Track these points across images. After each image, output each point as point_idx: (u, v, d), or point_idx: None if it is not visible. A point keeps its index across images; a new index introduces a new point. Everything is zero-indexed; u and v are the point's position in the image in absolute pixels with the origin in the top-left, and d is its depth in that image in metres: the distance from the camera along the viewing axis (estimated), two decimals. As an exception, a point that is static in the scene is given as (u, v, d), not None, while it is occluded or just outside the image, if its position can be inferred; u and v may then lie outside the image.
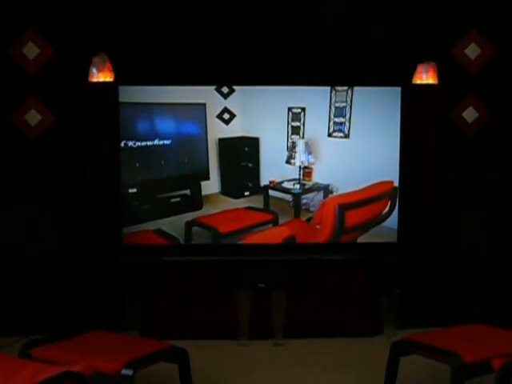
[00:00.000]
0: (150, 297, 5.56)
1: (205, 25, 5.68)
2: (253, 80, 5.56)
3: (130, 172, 5.59)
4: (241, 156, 5.73)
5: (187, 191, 5.72)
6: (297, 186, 5.77)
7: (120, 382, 3.81)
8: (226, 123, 5.64)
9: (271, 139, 5.69)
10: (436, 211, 5.77)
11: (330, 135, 5.73)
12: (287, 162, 5.73)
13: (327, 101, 5.66)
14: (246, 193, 5.75)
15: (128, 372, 3.79)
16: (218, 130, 5.63)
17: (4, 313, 5.51)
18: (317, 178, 5.76)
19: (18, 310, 5.54)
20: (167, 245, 5.66)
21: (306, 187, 5.77)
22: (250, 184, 5.75)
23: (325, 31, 5.75)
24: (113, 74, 5.43)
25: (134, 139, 5.56)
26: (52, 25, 5.62)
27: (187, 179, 5.70)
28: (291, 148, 5.71)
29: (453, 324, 4.57)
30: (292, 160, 5.73)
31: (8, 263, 5.52)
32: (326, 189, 5.75)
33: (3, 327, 5.43)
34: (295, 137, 5.70)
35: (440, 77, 5.64)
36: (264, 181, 5.73)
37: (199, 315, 5.56)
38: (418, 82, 5.67)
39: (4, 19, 5.58)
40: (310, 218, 5.79)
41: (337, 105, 5.67)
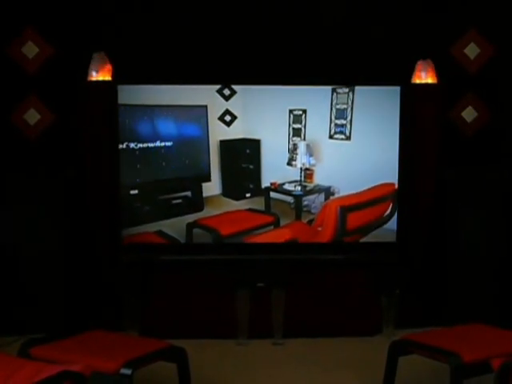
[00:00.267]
0: (149, 296, 5.56)
1: (204, 24, 5.70)
2: (252, 79, 5.57)
3: (132, 173, 5.60)
4: (242, 158, 5.73)
5: (188, 193, 5.73)
6: (298, 188, 5.77)
7: (119, 382, 3.81)
8: (228, 125, 5.65)
9: (272, 141, 5.70)
10: (436, 211, 5.76)
11: (332, 137, 5.73)
12: (288, 164, 5.74)
13: (328, 102, 5.66)
14: (247, 194, 5.76)
15: (127, 371, 3.79)
16: (220, 132, 5.63)
17: (3, 312, 5.51)
18: (318, 180, 5.76)
19: (18, 310, 5.54)
20: (166, 244, 5.66)
21: (308, 189, 5.77)
22: (251, 186, 5.75)
23: (324, 31, 5.76)
24: (112, 74, 5.44)
25: (136, 141, 5.58)
26: (51, 24, 5.64)
27: (188, 181, 5.71)
28: (292, 150, 5.71)
29: (452, 324, 4.57)
30: (293, 162, 5.73)
31: (8, 263, 5.52)
32: (328, 191, 5.76)
33: (3, 326, 5.43)
34: (296, 139, 5.70)
35: (439, 76, 5.65)
36: (265, 183, 5.74)
37: (198, 314, 5.56)
38: (417, 82, 5.67)
39: (3, 19, 5.59)
40: (312, 220, 5.79)
41: (338, 107, 5.68)
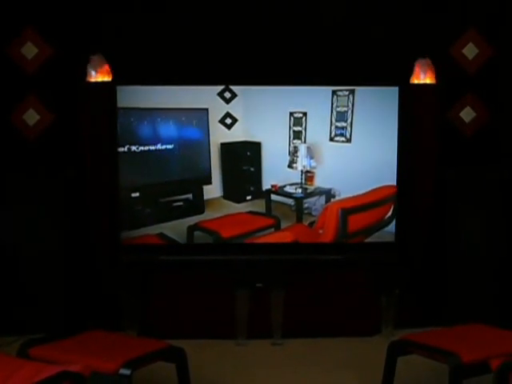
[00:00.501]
0: (148, 296, 5.56)
1: (204, 25, 5.71)
2: (251, 80, 5.59)
3: (133, 176, 5.62)
4: (243, 160, 5.74)
5: (189, 195, 5.74)
6: (299, 191, 5.78)
7: (118, 382, 3.82)
8: (228, 128, 5.66)
9: (273, 144, 5.71)
10: (435, 211, 5.76)
11: (332, 139, 5.74)
12: (289, 167, 5.75)
13: (328, 105, 5.67)
14: (248, 197, 5.76)
15: (126, 371, 3.79)
16: (220, 135, 5.64)
17: (3, 312, 5.51)
18: (319, 183, 5.77)
19: (17, 310, 5.55)
20: (165, 245, 5.67)
21: (308, 191, 5.78)
22: (252, 188, 5.76)
23: (323, 31, 5.77)
24: (111, 74, 5.46)
25: (137, 144, 5.59)
26: (51, 25, 5.64)
27: (189, 183, 5.72)
28: (293, 152, 5.72)
29: (451, 324, 4.57)
30: (294, 164, 5.74)
31: (7, 263, 5.53)
32: (328, 193, 5.76)
33: (2, 326, 5.43)
34: (297, 141, 5.71)
35: (438, 76, 5.65)
36: (266, 185, 5.75)
37: (197, 315, 5.56)
38: (416, 82, 5.67)
39: (3, 19, 5.60)
40: (313, 223, 5.79)
41: (338, 109, 5.69)
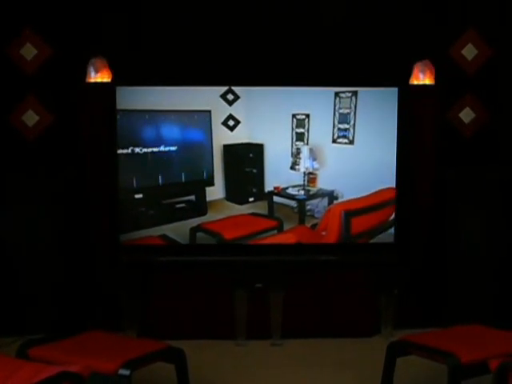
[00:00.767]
0: (148, 297, 5.57)
1: (206, 26, 5.73)
2: (253, 81, 5.60)
3: (136, 178, 5.64)
4: (245, 162, 5.75)
5: (192, 197, 5.75)
6: (301, 192, 5.78)
7: (117, 382, 3.83)
8: (231, 130, 5.67)
9: (276, 145, 5.72)
10: (435, 211, 5.75)
11: (335, 141, 5.74)
12: (292, 168, 5.75)
13: (331, 107, 5.67)
14: (251, 199, 5.77)
15: (125, 372, 3.80)
16: (223, 137, 5.66)
17: (2, 313, 5.52)
18: (321, 184, 5.77)
19: (16, 310, 5.56)
20: (165, 245, 5.68)
21: (311, 193, 5.78)
22: (255, 190, 5.77)
23: (323, 32, 5.77)
24: (110, 75, 5.49)
25: (141, 146, 5.61)
26: (50, 25, 5.66)
27: (192, 185, 5.73)
28: (295, 154, 5.73)
29: (451, 324, 4.56)
30: (296, 166, 5.75)
31: (7, 263, 5.54)
32: (331, 195, 5.76)
33: (1, 327, 5.44)
34: (300, 143, 5.72)
35: (437, 77, 5.65)
36: (268, 187, 5.75)
37: (196, 315, 5.57)
38: (415, 83, 5.68)
39: (2, 19, 5.62)
40: (315, 225, 5.79)
41: (341, 111, 5.69)
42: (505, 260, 5.75)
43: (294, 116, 5.68)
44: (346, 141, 5.73)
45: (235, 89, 5.63)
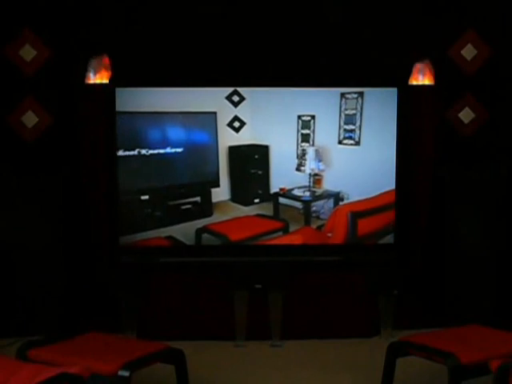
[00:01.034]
0: (147, 298, 5.56)
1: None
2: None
3: (143, 179, 5.67)
4: (251, 163, 5.75)
5: (198, 198, 5.76)
6: (307, 194, 5.77)
7: (117, 383, 3.82)
8: (237, 131, 5.68)
9: (281, 147, 5.71)
10: (434, 211, 5.73)
11: (341, 142, 5.73)
12: (297, 170, 5.74)
13: (337, 108, 5.66)
14: (256, 200, 5.77)
15: (125, 373, 3.80)
16: (229, 138, 5.66)
17: (2, 314, 5.53)
18: (327, 186, 5.76)
19: (16, 311, 5.56)
20: (164, 246, 5.68)
21: (316, 194, 5.77)
22: (260, 191, 5.77)
23: (322, 32, 5.76)
24: (110, 76, 5.49)
25: (147, 147, 5.63)
26: (49, 26, 5.67)
27: (198, 186, 5.74)
28: (301, 155, 5.72)
29: (451, 325, 4.55)
30: (302, 167, 5.74)
31: (6, 265, 5.54)
32: (337, 196, 5.74)
33: (1, 328, 5.45)
34: (305, 144, 5.71)
35: (437, 78, 5.63)
36: (274, 188, 5.75)
37: (196, 316, 5.56)
38: (415, 83, 5.66)
39: (1, 21, 5.64)
40: (321, 226, 5.78)
41: (347, 112, 5.68)
42: (504, 260, 5.72)
43: (300, 117, 5.67)
44: (352, 142, 5.71)
45: (241, 90, 5.63)
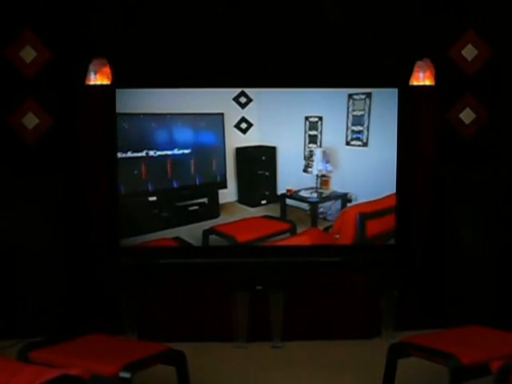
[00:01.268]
0: (148, 300, 5.56)
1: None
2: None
3: (150, 180, 5.67)
4: (258, 165, 5.75)
5: (205, 199, 5.76)
6: (314, 195, 5.75)
7: (117, 385, 3.84)
8: (244, 132, 5.68)
9: (288, 148, 5.70)
10: (434, 212, 5.70)
11: (348, 144, 5.71)
12: (304, 171, 5.73)
13: (344, 109, 5.64)
14: (263, 201, 5.77)
15: (126, 375, 3.81)
16: (236, 139, 5.66)
17: (2, 315, 5.55)
18: (334, 187, 5.74)
19: (16, 313, 5.56)
20: (164, 247, 5.68)
21: (324, 196, 5.75)
22: (267, 193, 5.76)
23: (322, 33, 5.75)
24: (110, 77, 5.51)
25: (155, 149, 5.65)
26: (50, 27, 5.69)
27: (205, 188, 5.74)
28: (308, 157, 5.70)
29: (451, 326, 4.53)
30: (309, 169, 5.72)
31: (7, 266, 5.55)
32: (344, 197, 5.72)
33: (1, 330, 5.46)
34: (312, 145, 5.70)
35: (437, 78, 5.61)
36: (281, 189, 5.74)
37: (197, 318, 5.56)
38: (415, 84, 5.64)
39: (2, 22, 5.66)
40: (328, 227, 5.76)
41: (354, 113, 5.66)
42: (504, 260, 5.68)
43: (307, 118, 5.66)
44: (360, 143, 5.69)
45: (248, 91, 5.64)
